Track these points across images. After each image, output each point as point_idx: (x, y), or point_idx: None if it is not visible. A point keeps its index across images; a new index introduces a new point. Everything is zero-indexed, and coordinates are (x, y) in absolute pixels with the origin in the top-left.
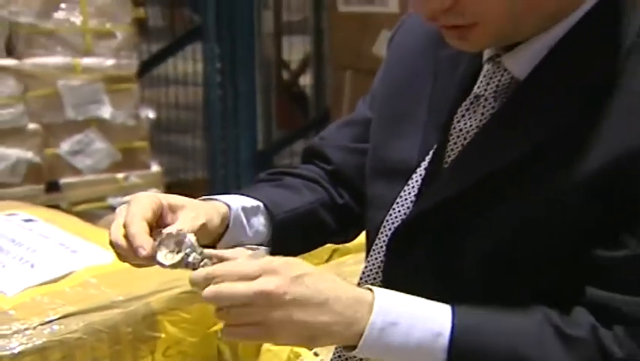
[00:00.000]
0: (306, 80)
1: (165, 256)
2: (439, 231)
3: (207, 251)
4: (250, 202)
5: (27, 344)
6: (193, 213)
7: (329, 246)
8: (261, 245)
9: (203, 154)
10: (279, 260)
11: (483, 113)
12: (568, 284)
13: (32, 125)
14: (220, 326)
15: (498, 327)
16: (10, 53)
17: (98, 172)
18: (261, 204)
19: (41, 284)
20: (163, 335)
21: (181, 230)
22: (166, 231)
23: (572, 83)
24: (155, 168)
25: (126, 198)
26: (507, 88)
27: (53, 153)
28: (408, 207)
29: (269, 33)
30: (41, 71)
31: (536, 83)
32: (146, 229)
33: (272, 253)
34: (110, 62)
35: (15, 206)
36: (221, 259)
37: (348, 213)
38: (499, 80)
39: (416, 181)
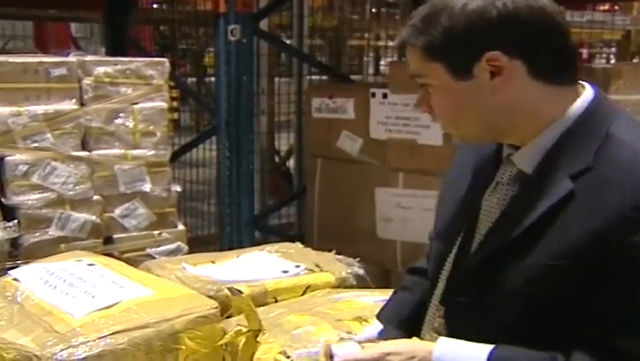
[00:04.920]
0: (291, 164)
1: None
2: (484, 276)
3: None
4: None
5: (89, 352)
6: None
7: (304, 283)
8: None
9: (215, 216)
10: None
11: (501, 194)
12: (571, 328)
13: (95, 197)
14: (224, 340)
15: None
16: (84, 147)
17: (140, 230)
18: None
19: (99, 310)
20: (183, 347)
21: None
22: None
23: (562, 175)
24: (180, 226)
25: (160, 248)
26: (516, 177)
27: (110, 216)
28: (452, 264)
29: (265, 131)
30: (104, 159)
31: (538, 176)
32: None
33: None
34: (151, 152)
35: (82, 254)
36: None
37: None
38: (510, 172)
39: (459, 243)
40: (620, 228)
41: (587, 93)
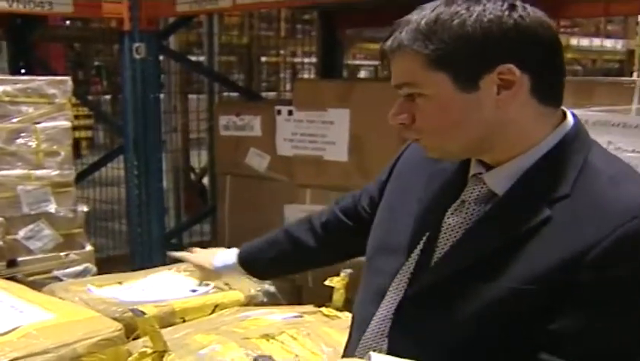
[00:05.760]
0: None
1: None
2: (436, 299)
3: None
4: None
5: None
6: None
7: (212, 302)
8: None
9: (125, 236)
10: None
11: (467, 214)
12: (522, 351)
13: None
14: None
15: None
16: None
17: (45, 252)
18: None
19: None
20: None
21: None
22: None
23: (539, 201)
24: (88, 247)
25: (68, 270)
26: (484, 197)
27: (13, 238)
28: (408, 278)
29: (179, 148)
30: (6, 180)
31: (511, 198)
32: None
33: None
34: (55, 172)
35: None
36: None
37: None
38: (479, 191)
39: (414, 259)
40: (592, 258)
41: (568, 119)
